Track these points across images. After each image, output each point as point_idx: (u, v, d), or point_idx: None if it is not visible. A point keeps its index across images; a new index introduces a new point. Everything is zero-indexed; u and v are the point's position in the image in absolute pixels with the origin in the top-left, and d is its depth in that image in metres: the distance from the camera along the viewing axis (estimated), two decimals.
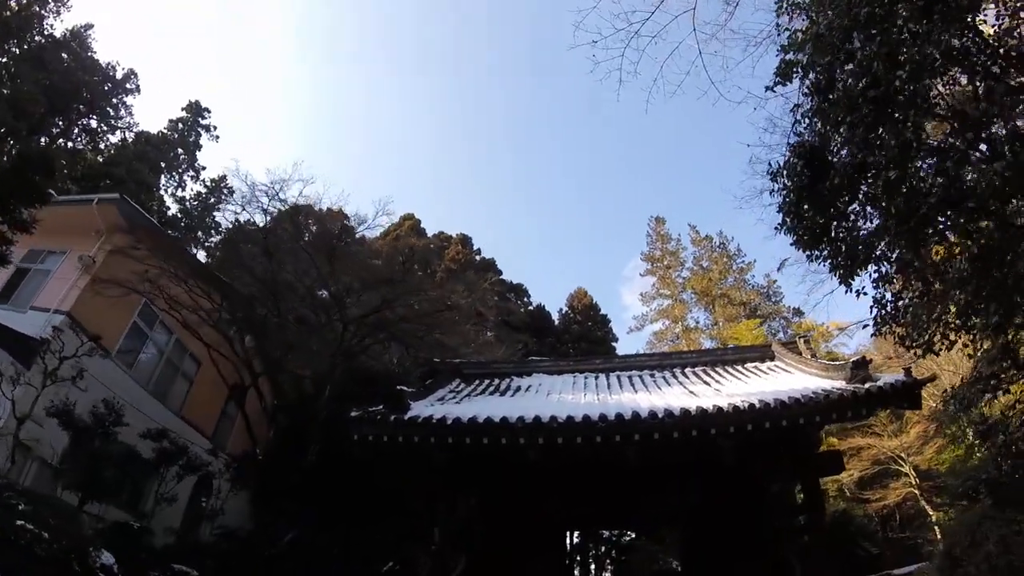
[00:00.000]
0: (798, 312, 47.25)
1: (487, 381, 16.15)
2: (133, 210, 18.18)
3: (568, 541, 44.45)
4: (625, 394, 13.73)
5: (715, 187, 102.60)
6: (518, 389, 15.22)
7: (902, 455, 28.58)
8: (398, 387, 12.72)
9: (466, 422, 11.28)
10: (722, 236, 56.10)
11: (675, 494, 15.15)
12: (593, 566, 49.20)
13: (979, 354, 11.85)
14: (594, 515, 17.71)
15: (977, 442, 24.15)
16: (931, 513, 27.61)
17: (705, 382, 14.63)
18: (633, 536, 45.49)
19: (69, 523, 10.99)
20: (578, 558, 46.78)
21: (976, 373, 12.10)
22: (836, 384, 12.02)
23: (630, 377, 15.97)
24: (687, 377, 15.49)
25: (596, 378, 16.09)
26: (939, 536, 26.94)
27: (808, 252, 10.57)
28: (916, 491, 28.40)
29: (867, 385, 11.69)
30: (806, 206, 10.13)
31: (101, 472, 14.25)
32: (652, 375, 16.15)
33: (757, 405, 11.30)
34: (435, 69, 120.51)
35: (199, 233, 39.72)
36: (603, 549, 49.26)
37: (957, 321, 9.96)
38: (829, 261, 10.33)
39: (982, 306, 9.24)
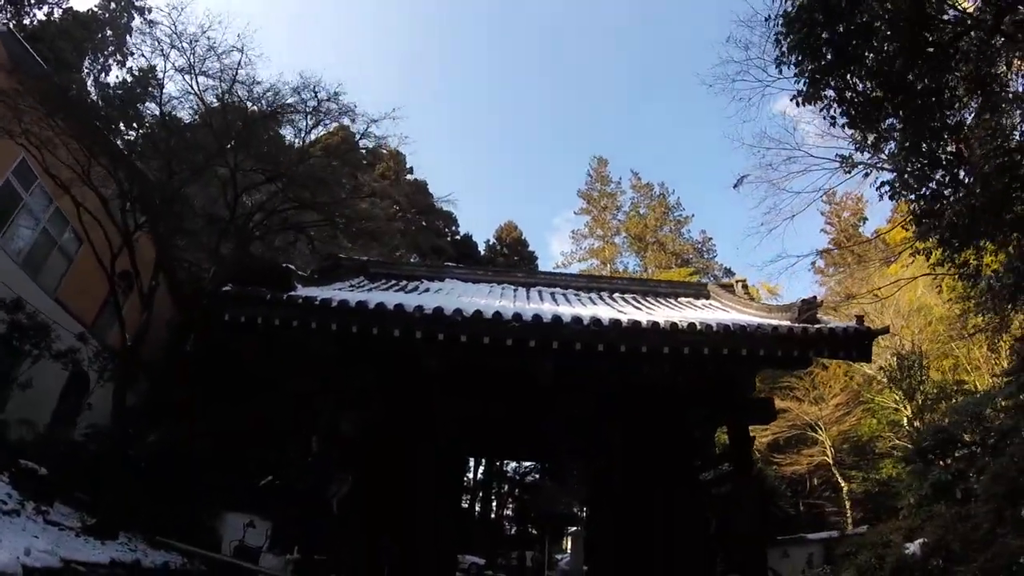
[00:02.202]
0: (729, 272, 47.01)
1: (394, 281, 14.45)
2: (20, 48, 15.73)
3: (471, 476, 44.19)
4: (546, 305, 12.21)
5: (664, 145, 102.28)
6: (427, 290, 13.51)
7: (819, 424, 28.23)
8: (284, 265, 10.89)
9: (354, 306, 9.57)
10: (663, 187, 55.34)
11: (589, 426, 13.86)
12: (495, 504, 49.13)
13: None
14: (498, 442, 16.38)
15: (908, 416, 24.16)
16: (843, 484, 27.42)
17: (636, 307, 13.20)
18: (537, 476, 45.52)
19: None
20: (480, 494, 46.53)
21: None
22: (782, 323, 10.81)
23: (553, 293, 14.42)
24: (615, 300, 13.98)
25: (515, 290, 14.45)
26: (848, 507, 26.93)
27: (813, 89, 8.77)
28: (830, 461, 28.17)
29: (817, 326, 10.54)
30: (820, 15, 8.10)
31: None
32: (578, 294, 14.60)
33: (698, 326, 9.98)
34: None
35: (120, 125, 36.60)
36: (506, 488, 49.11)
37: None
38: (838, 107, 8.76)
39: None
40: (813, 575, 12.42)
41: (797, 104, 8.91)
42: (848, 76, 8.42)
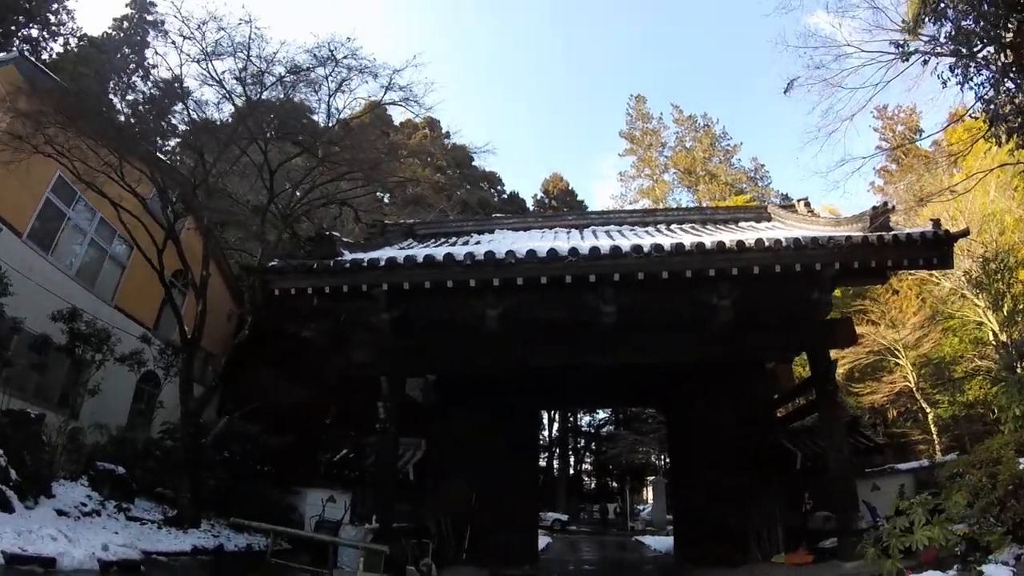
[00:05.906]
0: (786, 197, 45.24)
1: (443, 239, 14.06)
2: (36, 70, 15.60)
3: (547, 434, 43.98)
4: (602, 240, 11.58)
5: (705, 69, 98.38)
6: (477, 243, 13.07)
7: (898, 347, 26.92)
8: (328, 232, 10.55)
9: (402, 261, 9.19)
10: (706, 118, 53.67)
11: (660, 367, 13.37)
12: (573, 459, 48.83)
13: None
14: (569, 392, 15.98)
15: (994, 329, 22.84)
16: (928, 410, 26.23)
17: (695, 235, 12.53)
18: (612, 427, 44.95)
19: None
20: (557, 451, 46.38)
21: None
22: (855, 233, 10.05)
23: (608, 231, 13.76)
24: (673, 231, 13.34)
25: (568, 232, 13.85)
26: (935, 433, 25.80)
27: None
28: (912, 386, 26.93)
29: (893, 232, 9.76)
30: None
31: None
32: (633, 229, 13.97)
33: (766, 242, 9.33)
34: None
35: (156, 139, 37.02)
36: (582, 442, 48.78)
37: None
38: None
39: None
40: (918, 500, 11.58)
41: None
42: None
